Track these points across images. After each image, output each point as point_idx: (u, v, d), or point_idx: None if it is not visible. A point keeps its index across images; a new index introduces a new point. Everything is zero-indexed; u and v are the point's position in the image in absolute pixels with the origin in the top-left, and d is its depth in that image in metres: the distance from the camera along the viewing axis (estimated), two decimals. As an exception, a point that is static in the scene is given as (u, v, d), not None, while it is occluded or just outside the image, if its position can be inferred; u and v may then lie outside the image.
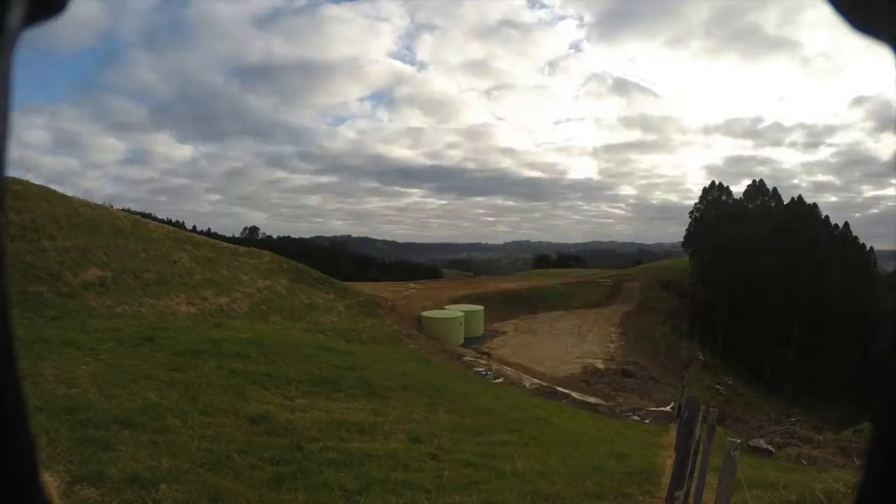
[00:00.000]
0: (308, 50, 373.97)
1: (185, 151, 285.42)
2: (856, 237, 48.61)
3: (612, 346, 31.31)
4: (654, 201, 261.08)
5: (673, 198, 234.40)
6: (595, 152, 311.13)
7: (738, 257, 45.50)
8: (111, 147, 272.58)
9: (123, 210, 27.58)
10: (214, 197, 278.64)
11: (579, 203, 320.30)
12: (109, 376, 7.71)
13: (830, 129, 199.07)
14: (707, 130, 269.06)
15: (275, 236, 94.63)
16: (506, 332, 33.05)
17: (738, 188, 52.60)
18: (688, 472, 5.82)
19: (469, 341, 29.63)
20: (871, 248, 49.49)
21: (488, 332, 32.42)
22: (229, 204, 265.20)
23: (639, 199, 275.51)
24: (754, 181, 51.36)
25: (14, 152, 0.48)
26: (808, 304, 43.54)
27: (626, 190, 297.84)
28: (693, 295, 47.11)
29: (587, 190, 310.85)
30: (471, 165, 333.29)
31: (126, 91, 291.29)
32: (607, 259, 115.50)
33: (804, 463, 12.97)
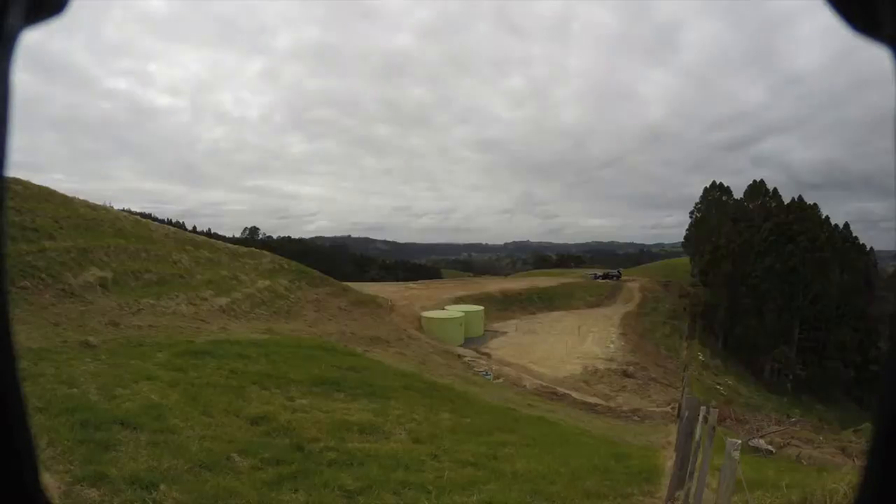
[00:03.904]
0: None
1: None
2: (856, 237, 48.64)
3: (612, 346, 31.26)
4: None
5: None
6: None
7: (738, 257, 45.48)
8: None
9: (124, 210, 27.59)
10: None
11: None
12: (110, 376, 7.71)
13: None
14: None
15: (275, 236, 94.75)
16: (506, 333, 33.01)
17: (739, 188, 52.52)
18: (688, 473, 5.81)
19: (469, 341, 29.59)
20: (872, 248, 49.55)
21: (488, 332, 32.38)
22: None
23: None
24: (755, 181, 51.36)
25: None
26: (808, 304, 43.52)
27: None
28: (693, 295, 47.10)
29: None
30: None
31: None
32: (607, 259, 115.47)
33: (804, 463, 12.95)
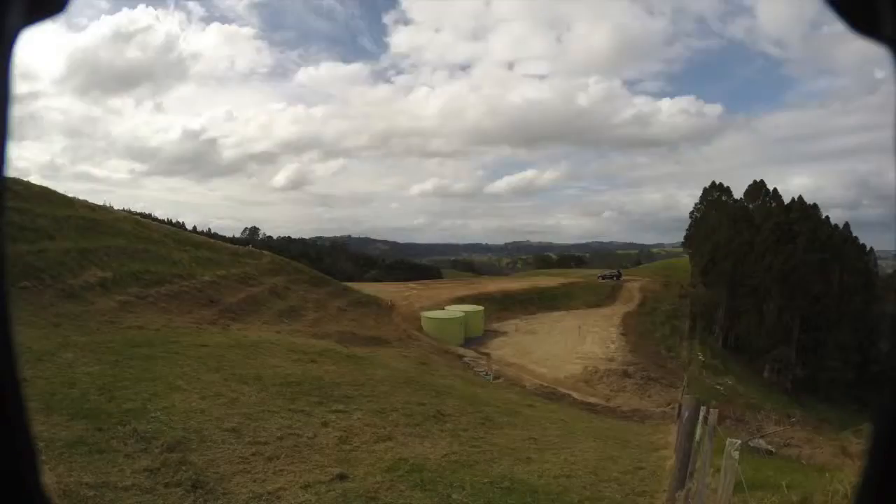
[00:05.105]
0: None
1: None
2: (856, 237, 48.63)
3: (612, 346, 31.25)
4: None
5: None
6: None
7: (738, 257, 45.46)
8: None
9: (124, 210, 27.62)
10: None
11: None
12: (110, 377, 7.71)
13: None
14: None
15: (275, 236, 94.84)
16: (506, 333, 33.00)
17: (738, 188, 52.53)
18: (688, 473, 5.81)
19: (469, 341, 29.58)
20: (872, 248, 49.54)
21: (488, 332, 32.38)
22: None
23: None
24: (755, 181, 51.33)
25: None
26: (808, 304, 43.49)
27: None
28: (693, 295, 47.07)
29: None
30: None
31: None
32: (607, 259, 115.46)
33: (804, 463, 12.94)
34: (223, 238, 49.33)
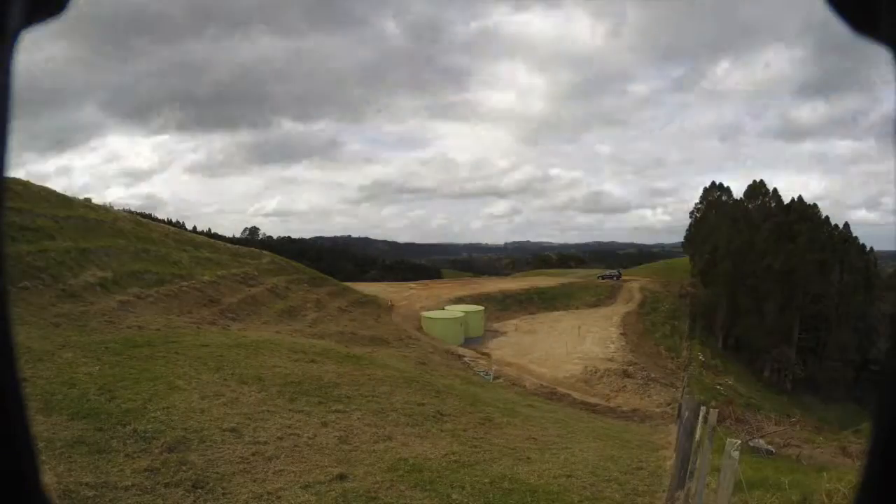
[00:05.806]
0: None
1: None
2: (856, 237, 48.66)
3: (612, 346, 31.23)
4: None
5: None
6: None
7: (738, 257, 45.47)
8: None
9: (124, 210, 27.63)
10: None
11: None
12: (110, 377, 7.71)
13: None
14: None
15: (275, 236, 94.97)
16: (506, 333, 33.00)
17: (738, 188, 52.63)
18: (688, 473, 5.81)
19: (469, 341, 29.58)
20: (872, 248, 49.56)
21: (488, 332, 32.37)
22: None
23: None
24: (754, 181, 51.36)
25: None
26: (808, 304, 43.51)
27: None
28: (693, 295, 47.06)
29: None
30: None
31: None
32: (607, 259, 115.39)
33: (804, 463, 12.94)
34: (223, 238, 49.35)
